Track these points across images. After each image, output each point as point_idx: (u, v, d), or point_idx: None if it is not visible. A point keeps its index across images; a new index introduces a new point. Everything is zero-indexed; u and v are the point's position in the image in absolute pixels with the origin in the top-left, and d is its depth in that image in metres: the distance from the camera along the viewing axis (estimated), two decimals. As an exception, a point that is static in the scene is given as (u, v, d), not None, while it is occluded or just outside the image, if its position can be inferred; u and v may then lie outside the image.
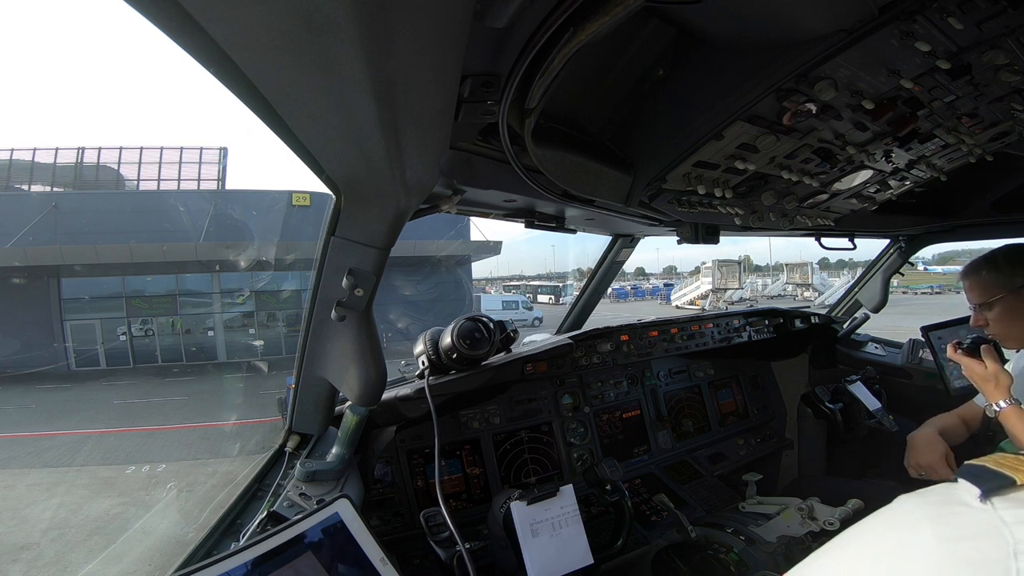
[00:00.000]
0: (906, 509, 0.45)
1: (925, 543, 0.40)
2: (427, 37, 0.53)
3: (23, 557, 5.89)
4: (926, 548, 0.39)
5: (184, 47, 0.51)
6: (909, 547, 0.40)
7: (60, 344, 16.19)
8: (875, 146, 1.27)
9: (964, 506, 0.42)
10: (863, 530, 0.47)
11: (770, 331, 2.71)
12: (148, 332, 17.75)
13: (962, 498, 0.43)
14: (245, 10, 0.47)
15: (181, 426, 10.62)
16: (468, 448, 1.95)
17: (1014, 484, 0.42)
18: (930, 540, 0.40)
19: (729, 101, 0.96)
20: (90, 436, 9.91)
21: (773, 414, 2.77)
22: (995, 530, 0.38)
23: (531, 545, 1.34)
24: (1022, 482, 0.42)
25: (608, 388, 2.31)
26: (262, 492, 1.27)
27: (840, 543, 0.49)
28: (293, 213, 17.01)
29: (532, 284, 42.83)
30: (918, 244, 2.72)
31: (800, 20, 0.79)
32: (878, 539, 0.45)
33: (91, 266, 15.18)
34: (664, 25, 0.90)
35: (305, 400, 1.36)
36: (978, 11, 0.78)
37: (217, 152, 20.49)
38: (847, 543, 0.48)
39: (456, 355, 1.67)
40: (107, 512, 6.85)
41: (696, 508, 2.02)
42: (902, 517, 0.44)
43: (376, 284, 1.09)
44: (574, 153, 1.05)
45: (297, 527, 0.95)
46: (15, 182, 18.67)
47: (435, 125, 0.74)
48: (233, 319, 18.35)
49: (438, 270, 18.92)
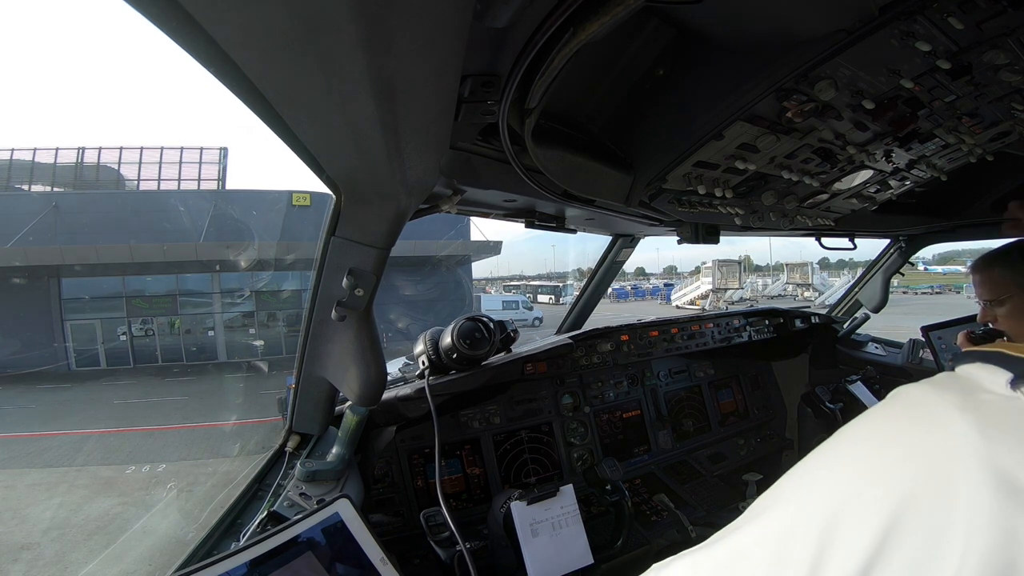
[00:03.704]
0: (923, 399, 0.42)
1: (964, 434, 0.37)
2: (427, 37, 0.53)
3: (23, 557, 5.89)
4: (965, 439, 0.36)
5: (184, 47, 0.51)
6: (945, 439, 0.37)
7: (60, 344, 16.19)
8: (875, 146, 1.27)
9: (990, 394, 0.39)
10: (870, 427, 0.43)
11: (770, 331, 2.71)
12: (148, 332, 17.75)
13: (983, 385, 0.40)
14: (245, 10, 0.47)
15: (181, 426, 10.62)
16: (468, 448, 1.95)
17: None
18: (968, 431, 0.37)
19: (729, 101, 0.96)
20: (90, 436, 9.92)
21: (773, 414, 2.77)
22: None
23: (531, 545, 1.34)
24: None
25: (608, 388, 2.31)
26: (262, 492, 1.27)
27: (845, 441, 0.44)
28: (293, 213, 17.01)
29: (532, 284, 42.78)
30: (918, 244, 2.72)
31: (800, 20, 0.79)
32: (899, 434, 0.41)
33: (91, 266, 15.18)
34: (664, 25, 0.90)
35: (305, 400, 1.36)
36: (978, 11, 0.78)
37: (217, 152, 20.49)
38: (855, 440, 0.44)
39: (456, 355, 1.67)
40: (107, 512, 6.86)
41: (696, 508, 2.02)
42: (922, 408, 0.41)
43: (376, 284, 1.09)
44: (574, 153, 1.05)
45: (297, 527, 0.95)
46: (15, 182, 18.67)
47: (435, 125, 0.74)
48: (233, 319, 18.34)
49: (438, 270, 18.92)
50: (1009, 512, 0.33)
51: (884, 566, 0.35)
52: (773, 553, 0.42)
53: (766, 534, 0.44)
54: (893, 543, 0.35)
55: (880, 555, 0.35)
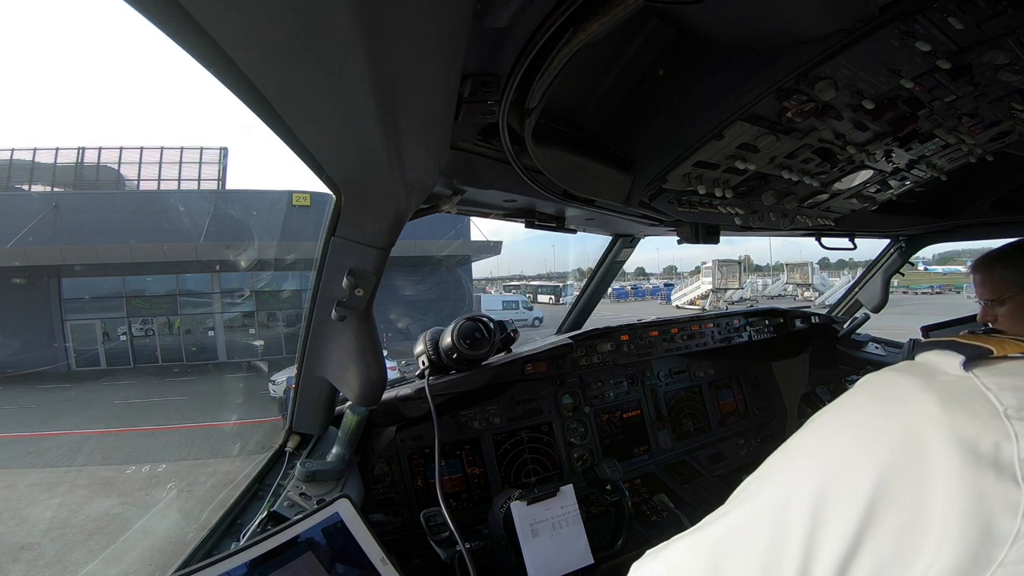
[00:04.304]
0: (891, 382, 0.47)
1: (929, 410, 0.41)
2: (427, 37, 0.53)
3: (24, 557, 5.90)
4: (931, 413, 0.41)
5: (184, 47, 0.51)
6: (914, 414, 0.42)
7: (60, 344, 16.20)
8: (875, 146, 1.27)
9: (946, 375, 0.44)
10: (847, 408, 0.48)
11: (770, 331, 2.71)
12: (148, 332, 17.75)
13: (940, 368, 0.45)
14: (245, 10, 0.47)
15: (181, 426, 10.62)
16: (468, 448, 1.95)
17: (991, 354, 0.44)
18: (933, 406, 0.41)
19: (729, 101, 0.96)
20: (90, 436, 9.92)
21: (773, 414, 2.77)
22: (981, 395, 0.41)
23: (531, 545, 1.34)
24: (999, 353, 0.44)
25: (608, 388, 2.31)
26: (262, 492, 1.27)
27: (825, 423, 0.49)
28: (293, 213, 17.01)
29: (532, 284, 42.78)
30: (918, 244, 2.72)
31: (800, 20, 0.79)
32: (873, 413, 0.45)
33: (91, 266, 15.19)
34: (664, 25, 0.90)
35: (305, 400, 1.36)
36: (978, 11, 0.78)
37: (217, 152, 20.52)
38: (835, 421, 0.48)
39: (456, 355, 1.67)
40: (107, 512, 6.86)
41: (696, 508, 2.02)
42: (891, 390, 0.46)
43: (376, 284, 1.09)
44: (574, 153, 1.05)
45: (297, 527, 0.95)
46: (15, 182, 18.68)
47: (435, 125, 0.74)
48: (233, 319, 18.34)
49: (438, 270, 18.92)
50: (976, 474, 0.37)
51: (875, 530, 0.39)
52: (771, 524, 0.45)
53: (762, 508, 0.48)
54: (880, 507, 0.39)
55: (871, 518, 0.40)
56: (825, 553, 0.41)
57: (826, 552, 0.41)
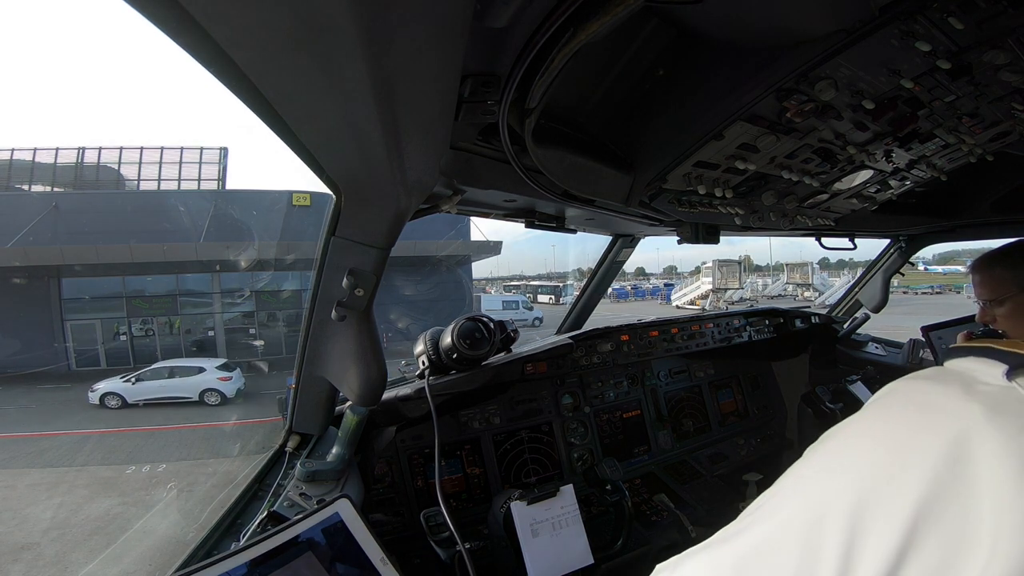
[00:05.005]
0: (927, 391, 0.44)
1: (975, 421, 0.39)
2: (427, 37, 0.53)
3: (24, 557, 5.90)
4: (977, 424, 0.39)
5: (184, 47, 0.51)
6: (958, 425, 0.40)
7: (60, 344, 16.19)
8: (875, 146, 1.27)
9: (987, 385, 0.42)
10: (880, 419, 0.46)
11: (770, 331, 2.71)
12: (148, 332, 17.75)
13: (979, 378, 0.43)
14: (245, 10, 0.47)
15: (182, 426, 10.63)
16: (468, 448, 1.95)
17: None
18: (979, 417, 0.39)
19: (729, 101, 0.96)
20: (90, 436, 9.92)
21: (773, 414, 2.77)
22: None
23: (531, 545, 1.34)
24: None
25: (608, 388, 2.31)
26: (262, 492, 1.27)
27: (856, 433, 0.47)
28: (293, 213, 16.99)
29: (532, 284, 42.75)
30: (918, 244, 2.72)
31: (800, 20, 0.79)
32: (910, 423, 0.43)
33: (91, 266, 15.17)
34: (664, 25, 0.90)
35: (305, 400, 1.36)
36: (978, 11, 0.78)
37: (217, 152, 20.50)
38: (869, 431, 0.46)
39: (456, 355, 1.67)
40: (107, 512, 6.86)
41: (696, 508, 2.02)
42: (928, 398, 0.43)
43: (376, 284, 1.09)
44: (574, 153, 1.05)
45: (297, 527, 0.95)
46: (15, 182, 18.67)
47: (435, 125, 0.74)
48: (233, 319, 18.33)
49: (438, 270, 18.90)
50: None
51: (919, 545, 0.37)
52: (802, 541, 0.43)
53: (789, 525, 0.45)
54: (925, 523, 0.37)
55: (915, 533, 0.37)
56: (863, 571, 0.39)
57: (863, 571, 0.39)
